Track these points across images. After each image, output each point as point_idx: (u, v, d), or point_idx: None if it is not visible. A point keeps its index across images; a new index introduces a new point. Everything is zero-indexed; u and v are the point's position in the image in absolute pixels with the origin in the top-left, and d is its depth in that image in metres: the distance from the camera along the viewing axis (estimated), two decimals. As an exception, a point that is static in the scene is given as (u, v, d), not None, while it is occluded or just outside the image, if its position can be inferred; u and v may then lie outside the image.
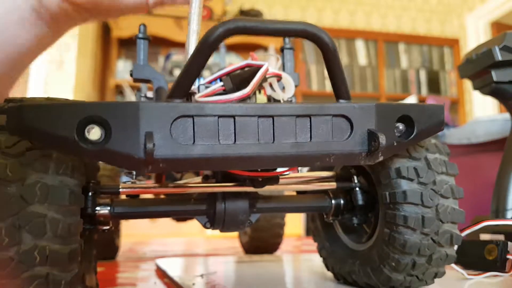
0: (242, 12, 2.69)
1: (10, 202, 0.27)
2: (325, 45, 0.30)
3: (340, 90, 0.32)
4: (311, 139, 0.30)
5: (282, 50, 0.45)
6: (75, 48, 1.97)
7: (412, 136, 0.33)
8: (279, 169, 0.35)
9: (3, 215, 0.26)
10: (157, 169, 0.27)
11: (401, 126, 0.33)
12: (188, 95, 0.30)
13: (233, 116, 0.29)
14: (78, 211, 0.29)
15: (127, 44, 2.52)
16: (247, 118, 0.29)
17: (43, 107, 0.26)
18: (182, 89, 0.29)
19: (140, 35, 0.42)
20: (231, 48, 2.43)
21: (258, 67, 0.34)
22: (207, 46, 0.28)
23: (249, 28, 0.28)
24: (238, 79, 0.35)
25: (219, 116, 0.28)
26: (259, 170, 0.34)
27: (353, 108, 0.31)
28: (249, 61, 0.36)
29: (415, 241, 0.35)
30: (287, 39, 0.44)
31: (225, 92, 0.34)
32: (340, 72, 0.31)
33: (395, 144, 0.32)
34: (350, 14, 3.04)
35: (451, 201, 0.36)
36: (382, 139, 0.30)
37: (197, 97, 0.33)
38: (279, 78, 0.36)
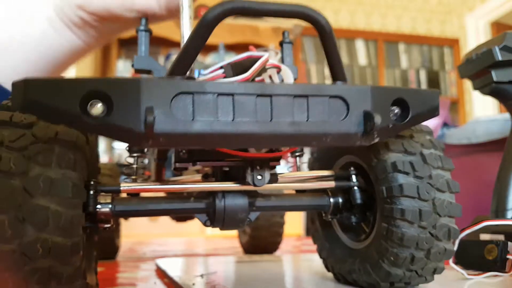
0: (242, 12, 2.69)
1: (13, 195, 0.27)
2: (321, 27, 0.31)
3: (336, 71, 0.33)
4: (308, 118, 0.30)
5: (281, 44, 0.45)
6: (75, 48, 1.97)
7: (407, 119, 0.33)
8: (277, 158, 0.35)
9: (6, 207, 0.27)
10: (157, 143, 0.28)
11: (396, 109, 0.33)
12: (187, 72, 0.30)
13: (232, 94, 0.29)
14: (81, 204, 0.30)
15: (127, 44, 2.53)
16: (246, 97, 0.29)
17: (47, 82, 0.26)
18: (182, 67, 0.30)
19: (142, 28, 0.43)
20: (231, 48, 2.43)
21: (259, 57, 0.35)
22: (205, 25, 0.28)
23: (246, 8, 0.29)
24: (239, 68, 0.35)
25: (219, 94, 0.29)
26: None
27: (349, 89, 0.31)
28: (250, 52, 0.36)
29: (413, 234, 0.35)
30: (286, 34, 0.44)
31: (225, 78, 0.35)
32: (336, 53, 0.32)
33: (390, 126, 0.32)
34: (350, 14, 3.04)
35: (448, 195, 0.37)
36: (378, 119, 0.30)
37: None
38: (278, 69, 0.37)
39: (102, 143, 2.36)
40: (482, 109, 2.90)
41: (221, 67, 0.36)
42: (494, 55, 0.57)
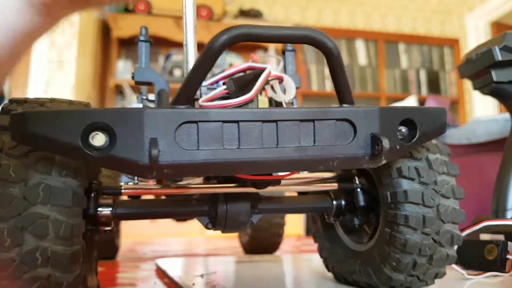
0: (242, 12, 2.69)
1: (13, 203, 0.27)
2: (328, 50, 0.30)
3: (343, 94, 0.32)
4: (314, 143, 0.30)
5: (283, 52, 0.45)
6: (75, 48, 1.97)
7: (414, 139, 0.33)
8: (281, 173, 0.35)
9: (6, 216, 0.26)
10: (162, 175, 0.28)
11: (403, 129, 0.33)
12: (191, 101, 0.30)
13: (237, 122, 0.29)
14: (81, 213, 0.29)
15: (127, 44, 2.52)
16: (251, 123, 0.29)
17: (47, 115, 0.26)
18: (186, 96, 0.29)
19: (142, 38, 0.42)
20: (232, 48, 2.43)
21: (261, 70, 0.34)
22: (211, 54, 0.28)
23: (254, 35, 0.28)
24: (241, 82, 0.35)
25: (224, 122, 0.29)
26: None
27: (356, 112, 0.31)
28: (250, 63, 0.36)
29: (416, 241, 0.35)
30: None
31: (228, 95, 0.34)
32: (343, 76, 0.31)
33: (398, 147, 0.32)
34: (350, 14, 3.03)
35: (452, 201, 0.36)
36: (386, 143, 0.30)
37: (200, 101, 0.33)
38: (280, 80, 0.36)
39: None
40: (482, 109, 2.90)
41: (221, 80, 0.35)
42: (494, 55, 0.57)
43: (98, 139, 0.27)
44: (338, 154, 0.30)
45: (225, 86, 0.35)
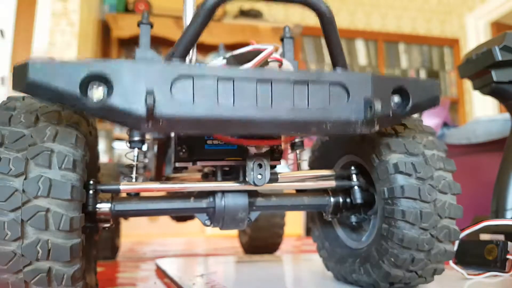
0: (242, 12, 2.69)
1: (13, 196, 0.27)
2: (322, 13, 0.31)
3: (337, 58, 0.33)
4: (308, 105, 0.30)
5: (282, 39, 0.45)
6: (75, 48, 1.97)
7: (407, 108, 0.33)
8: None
9: (6, 209, 0.27)
10: (157, 127, 0.28)
11: (396, 98, 0.33)
12: (187, 55, 0.30)
13: (232, 79, 0.29)
14: (80, 206, 0.30)
15: (127, 44, 2.52)
16: (246, 82, 0.29)
17: (48, 65, 0.26)
18: (182, 51, 0.29)
19: (143, 21, 0.42)
20: (231, 48, 2.42)
21: (263, 50, 0.35)
22: (206, 9, 0.29)
23: None
24: (241, 59, 0.35)
25: (219, 78, 0.29)
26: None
27: (350, 76, 0.31)
28: (254, 45, 0.36)
29: (414, 236, 0.35)
30: (287, 29, 0.45)
31: None
32: (337, 40, 0.32)
33: (391, 114, 0.32)
34: (350, 14, 3.04)
35: (449, 197, 0.37)
36: (378, 106, 0.30)
37: None
38: (280, 63, 0.37)
39: (102, 143, 2.36)
40: (482, 109, 2.90)
41: (224, 58, 0.36)
42: (494, 55, 0.57)
43: (96, 90, 0.27)
44: (331, 117, 0.31)
45: (225, 61, 0.35)
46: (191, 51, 0.36)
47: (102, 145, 2.40)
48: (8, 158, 0.28)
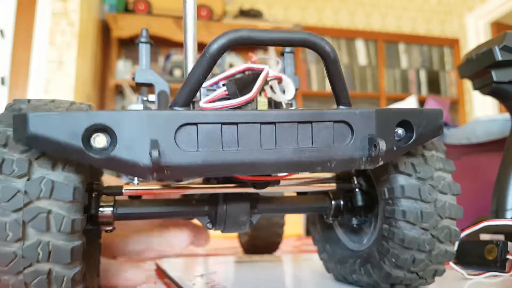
0: (242, 12, 2.69)
1: (15, 197, 0.27)
2: (326, 54, 0.30)
3: (340, 96, 0.33)
4: (312, 144, 0.30)
5: (282, 54, 0.45)
6: (75, 48, 1.97)
7: (411, 140, 0.33)
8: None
9: (8, 210, 0.27)
10: (162, 176, 0.28)
11: (400, 130, 0.33)
12: (190, 103, 0.30)
13: (236, 123, 0.29)
14: (82, 208, 0.30)
15: (127, 44, 2.52)
16: (250, 125, 0.29)
17: (49, 117, 0.26)
18: (186, 98, 0.30)
19: (143, 39, 0.42)
20: (231, 48, 2.43)
21: (259, 71, 0.35)
22: (209, 57, 0.28)
23: (252, 38, 0.29)
24: (241, 83, 0.35)
25: (223, 124, 0.29)
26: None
27: (353, 114, 0.31)
28: (249, 64, 0.36)
29: (414, 236, 0.35)
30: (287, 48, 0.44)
31: (228, 96, 0.35)
32: (341, 79, 0.32)
33: (395, 149, 0.32)
34: (350, 14, 3.04)
35: (449, 197, 0.37)
36: (382, 145, 0.30)
37: (201, 103, 0.33)
38: (279, 80, 0.37)
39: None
40: (482, 109, 2.90)
41: (224, 85, 0.36)
42: (494, 55, 0.57)
43: (99, 141, 0.27)
44: (336, 155, 0.31)
45: (225, 88, 0.35)
46: (191, 55, 0.36)
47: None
48: (12, 159, 0.28)
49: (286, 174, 0.36)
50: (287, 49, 0.44)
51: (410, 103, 1.67)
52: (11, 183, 0.27)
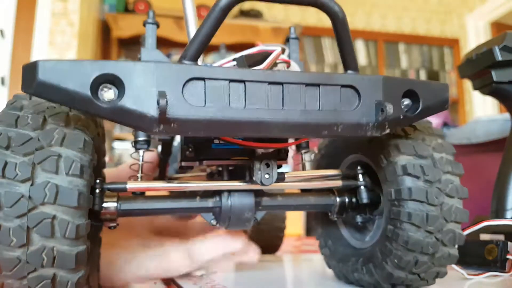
0: (242, 12, 2.69)
1: (19, 202, 0.26)
2: (335, 14, 0.30)
3: (348, 60, 0.32)
4: (319, 107, 0.30)
5: (287, 40, 0.45)
6: (75, 48, 1.97)
7: (417, 111, 0.33)
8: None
9: (11, 215, 0.26)
10: (169, 129, 0.28)
11: (406, 101, 0.33)
12: (199, 57, 0.30)
13: (244, 81, 0.29)
14: (87, 213, 0.29)
15: (127, 44, 2.52)
16: (257, 84, 0.29)
17: (58, 64, 0.26)
18: (194, 52, 0.29)
19: (149, 20, 0.42)
20: (231, 48, 2.43)
21: (271, 52, 0.35)
22: (219, 9, 0.29)
23: None
24: (251, 60, 0.35)
25: (230, 80, 0.29)
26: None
27: (361, 79, 0.31)
28: (262, 46, 0.36)
29: (419, 239, 0.35)
30: (292, 29, 0.44)
31: None
32: (348, 42, 0.32)
33: (401, 117, 0.32)
34: (350, 14, 3.04)
35: (456, 201, 0.36)
36: (390, 108, 0.30)
37: None
38: (288, 64, 0.37)
39: (102, 143, 2.36)
40: (482, 109, 2.90)
41: (234, 59, 0.35)
42: (494, 55, 0.57)
43: (108, 91, 0.27)
44: (342, 119, 0.30)
45: (234, 62, 0.35)
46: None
47: (102, 145, 2.39)
48: (15, 162, 0.27)
49: (287, 141, 0.36)
50: (292, 35, 0.44)
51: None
52: (15, 187, 0.27)
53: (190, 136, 0.35)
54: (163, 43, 2.41)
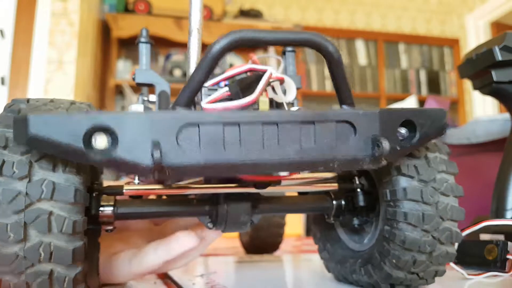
0: (242, 12, 2.69)
1: (16, 199, 0.27)
2: (330, 54, 0.30)
3: (344, 96, 0.33)
4: (315, 144, 0.30)
5: (284, 53, 0.45)
6: (75, 48, 1.97)
7: (414, 140, 0.33)
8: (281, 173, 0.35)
9: (9, 212, 0.27)
10: (164, 176, 0.28)
11: (403, 130, 0.33)
12: (191, 104, 0.30)
13: (238, 124, 0.29)
14: (83, 209, 0.30)
15: (127, 44, 2.52)
16: (252, 126, 0.29)
17: (49, 118, 0.26)
18: (188, 99, 0.30)
19: (143, 39, 0.42)
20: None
21: (262, 72, 0.35)
22: (211, 58, 0.28)
23: (254, 39, 0.29)
24: (243, 84, 0.35)
25: (225, 124, 0.29)
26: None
27: (357, 114, 0.31)
28: (251, 65, 0.36)
29: (416, 238, 0.35)
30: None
31: (230, 97, 0.35)
32: (344, 79, 0.32)
33: (398, 148, 0.32)
34: (350, 14, 3.04)
35: (451, 199, 0.36)
36: (386, 144, 0.30)
37: (203, 103, 0.33)
38: (281, 81, 0.37)
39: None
40: (482, 109, 2.90)
41: (222, 82, 0.36)
42: (494, 55, 0.57)
43: (101, 142, 0.27)
44: (339, 155, 0.31)
45: (227, 88, 0.35)
46: (194, 55, 0.36)
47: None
48: (12, 161, 0.28)
49: (288, 174, 0.36)
50: (289, 48, 0.44)
51: (410, 103, 1.67)
52: (12, 184, 0.27)
53: (187, 179, 0.36)
54: (163, 43, 2.41)
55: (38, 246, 0.27)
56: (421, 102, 2.09)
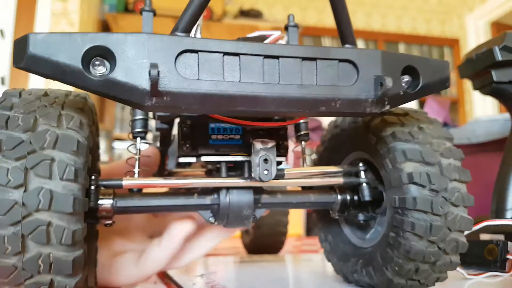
0: (242, 12, 2.69)
1: (13, 210, 0.25)
2: None
3: (346, 34, 0.32)
4: (316, 82, 0.29)
5: (286, 28, 0.44)
6: (75, 48, 1.97)
7: (418, 88, 0.32)
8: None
9: (5, 223, 0.25)
10: (161, 102, 0.27)
11: (406, 77, 0.32)
12: (192, 29, 0.29)
13: (238, 54, 0.28)
14: (82, 217, 0.28)
15: (127, 44, 2.52)
16: (252, 57, 0.28)
17: (49, 37, 0.25)
18: (187, 23, 0.28)
19: (146, 8, 0.42)
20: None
21: (269, 36, 0.34)
22: None
23: None
24: (250, 41, 0.35)
25: (225, 53, 0.28)
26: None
27: (359, 53, 0.30)
28: (262, 31, 0.36)
29: (421, 248, 0.34)
30: (291, 17, 0.44)
31: None
32: (346, 16, 0.31)
33: (401, 93, 0.31)
34: (350, 14, 3.02)
35: (461, 209, 0.35)
36: (389, 82, 0.29)
37: None
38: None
39: (102, 143, 2.36)
40: (482, 109, 2.90)
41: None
42: (494, 55, 0.57)
43: (99, 63, 0.26)
44: (341, 95, 0.30)
45: None
46: (196, 30, 0.35)
47: (102, 145, 2.40)
48: (7, 167, 0.26)
49: (285, 122, 0.35)
50: (291, 23, 0.44)
51: (410, 103, 1.67)
52: (8, 194, 0.26)
53: (185, 112, 0.33)
54: (163, 43, 2.41)
55: (37, 258, 0.26)
56: (421, 102, 2.09)
